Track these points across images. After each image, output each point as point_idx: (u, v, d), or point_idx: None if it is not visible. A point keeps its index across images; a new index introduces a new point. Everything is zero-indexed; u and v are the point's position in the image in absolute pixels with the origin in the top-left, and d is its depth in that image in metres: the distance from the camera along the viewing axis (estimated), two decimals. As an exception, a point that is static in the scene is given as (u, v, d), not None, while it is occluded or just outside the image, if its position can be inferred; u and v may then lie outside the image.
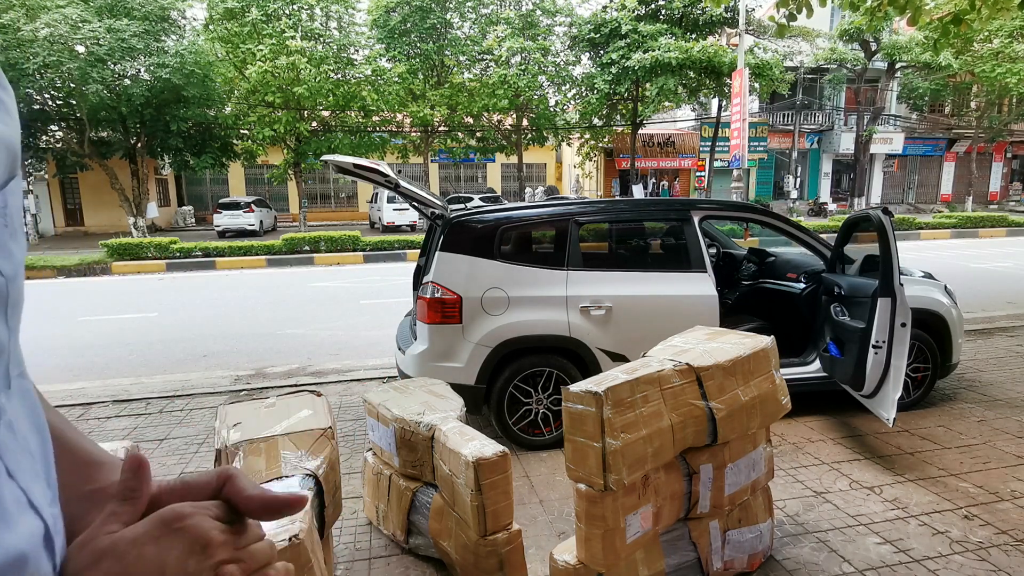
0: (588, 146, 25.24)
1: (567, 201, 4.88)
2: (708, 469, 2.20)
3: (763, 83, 19.86)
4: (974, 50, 22.53)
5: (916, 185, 30.30)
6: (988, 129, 26.59)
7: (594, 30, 20.40)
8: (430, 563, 2.51)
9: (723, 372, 2.19)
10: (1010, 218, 19.22)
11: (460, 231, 3.63)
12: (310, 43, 18.73)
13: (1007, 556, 2.45)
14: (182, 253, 13.77)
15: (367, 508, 2.84)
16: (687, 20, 20.20)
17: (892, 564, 2.42)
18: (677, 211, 4.03)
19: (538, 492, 3.11)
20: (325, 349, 6.16)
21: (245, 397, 3.80)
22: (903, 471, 3.19)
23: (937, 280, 4.27)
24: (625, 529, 1.96)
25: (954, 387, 4.45)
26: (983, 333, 5.97)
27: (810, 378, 3.86)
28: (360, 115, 20.59)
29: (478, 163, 28.88)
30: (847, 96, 27.22)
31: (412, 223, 21.22)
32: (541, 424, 3.64)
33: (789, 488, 3.05)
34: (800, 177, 28.19)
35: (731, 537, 2.30)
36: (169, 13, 17.62)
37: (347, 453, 3.60)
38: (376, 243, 14.77)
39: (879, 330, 3.23)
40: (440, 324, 3.51)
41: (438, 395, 2.75)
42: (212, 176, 27.07)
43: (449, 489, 2.30)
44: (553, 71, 22.20)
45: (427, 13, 20.83)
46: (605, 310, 3.62)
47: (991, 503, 2.85)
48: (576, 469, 1.95)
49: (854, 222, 3.78)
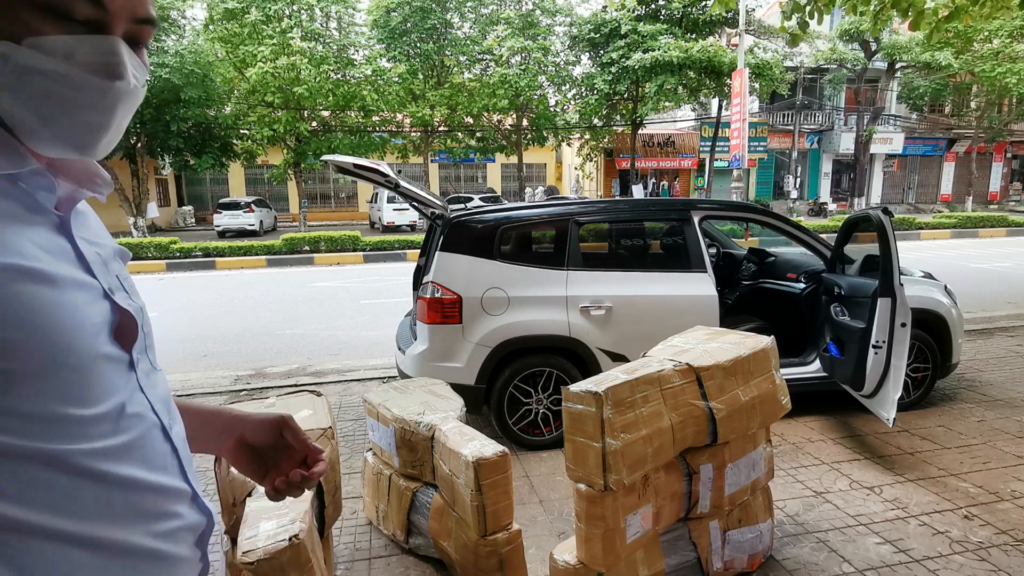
0: (588, 146, 25.23)
1: (567, 201, 4.88)
2: (708, 469, 2.20)
3: (763, 83, 19.87)
4: (974, 50, 22.52)
5: (916, 185, 30.30)
6: (988, 129, 26.59)
7: (594, 30, 20.40)
8: (430, 563, 2.51)
9: (723, 372, 2.19)
10: (1010, 218, 19.21)
11: (460, 231, 3.63)
12: (311, 44, 18.72)
13: (1007, 556, 2.44)
14: (182, 253, 13.77)
15: (367, 508, 2.84)
16: (687, 20, 20.19)
17: (892, 564, 2.42)
18: (677, 211, 4.02)
19: (538, 492, 3.11)
20: (325, 349, 6.16)
21: (245, 397, 3.79)
22: (903, 471, 3.19)
23: (937, 280, 4.27)
24: (625, 529, 1.96)
25: (954, 387, 4.45)
26: (983, 333, 5.97)
27: (810, 378, 3.85)
28: (360, 115, 20.58)
29: (478, 163, 28.88)
30: (847, 96, 27.22)
31: (412, 223, 21.21)
32: (541, 424, 3.64)
33: (789, 488, 3.05)
34: (800, 177, 28.19)
35: (731, 537, 2.30)
36: (169, 13, 17.62)
37: (347, 453, 3.60)
38: (376, 243, 14.77)
39: (879, 330, 3.23)
40: (440, 324, 3.51)
41: (438, 395, 2.75)
42: (212, 176, 27.06)
43: (449, 489, 2.30)
44: (553, 71, 22.20)
45: (427, 13, 20.82)
46: (605, 310, 3.62)
47: (991, 503, 2.85)
48: (576, 469, 1.95)
49: (854, 222, 3.78)
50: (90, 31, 0.58)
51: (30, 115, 0.58)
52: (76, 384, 0.58)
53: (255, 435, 0.87)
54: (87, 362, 0.59)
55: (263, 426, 0.86)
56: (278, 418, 0.87)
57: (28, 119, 0.58)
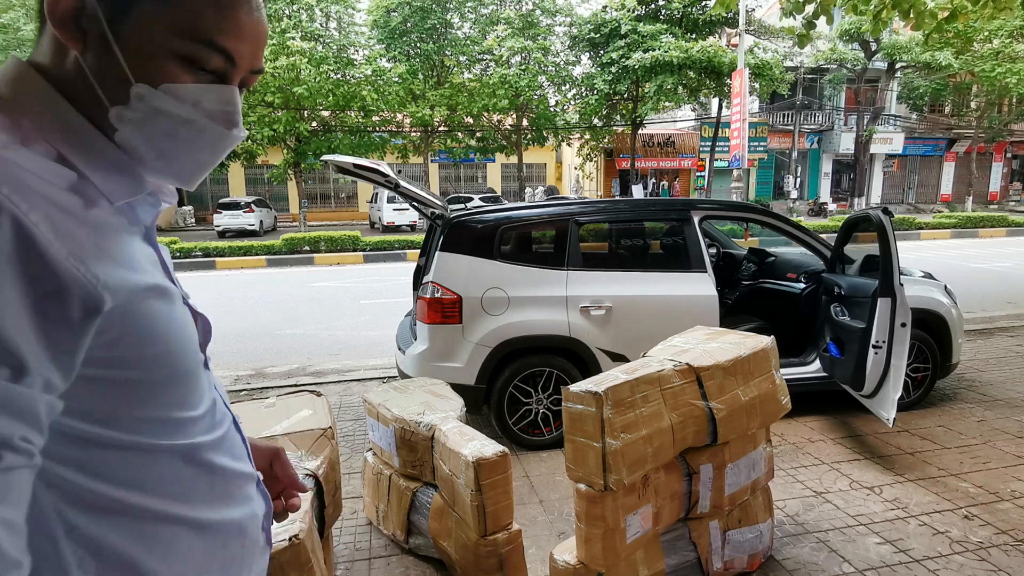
0: (588, 146, 25.22)
1: (567, 201, 4.88)
2: (708, 469, 2.20)
3: (763, 83, 19.87)
4: (974, 50, 22.52)
5: (916, 185, 30.30)
6: (988, 129, 26.59)
7: (594, 30, 20.40)
8: (430, 563, 2.51)
9: (723, 372, 2.19)
10: (1010, 218, 19.21)
11: (460, 231, 3.63)
12: (310, 44, 18.72)
13: (1007, 556, 2.44)
14: (182, 253, 13.76)
15: (367, 508, 2.84)
16: (687, 20, 20.19)
17: (892, 564, 2.42)
18: (677, 211, 4.02)
19: (538, 492, 3.11)
20: (325, 349, 6.16)
21: (245, 397, 3.80)
22: (903, 471, 3.19)
23: (937, 280, 4.27)
24: (625, 529, 1.96)
25: (954, 387, 4.45)
26: (983, 333, 5.97)
27: (810, 378, 3.85)
28: (360, 115, 20.58)
29: (478, 163, 28.87)
30: (847, 96, 27.22)
31: (412, 223, 21.20)
32: (541, 424, 3.64)
33: (789, 488, 3.05)
34: (800, 177, 28.19)
35: (731, 537, 2.30)
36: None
37: (347, 453, 3.60)
38: (376, 243, 14.77)
39: (879, 330, 3.23)
40: (440, 324, 3.51)
41: (438, 395, 2.75)
42: (212, 176, 26.90)
43: (449, 489, 2.30)
44: (553, 71, 22.20)
45: (427, 13, 20.81)
46: (605, 310, 3.62)
47: (991, 503, 2.85)
48: (576, 469, 1.95)
49: (854, 222, 3.78)
50: (215, 80, 0.65)
51: (150, 149, 0.64)
52: (189, 388, 0.66)
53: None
54: (193, 367, 0.67)
55: (257, 453, 0.90)
56: (271, 450, 0.93)
57: (147, 152, 0.64)
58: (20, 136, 0.57)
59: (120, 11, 0.60)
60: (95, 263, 0.55)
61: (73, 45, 0.60)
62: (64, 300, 0.51)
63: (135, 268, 0.60)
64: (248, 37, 0.66)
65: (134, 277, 0.59)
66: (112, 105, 0.62)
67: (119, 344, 0.56)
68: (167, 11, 0.61)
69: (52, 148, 0.59)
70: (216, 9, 0.63)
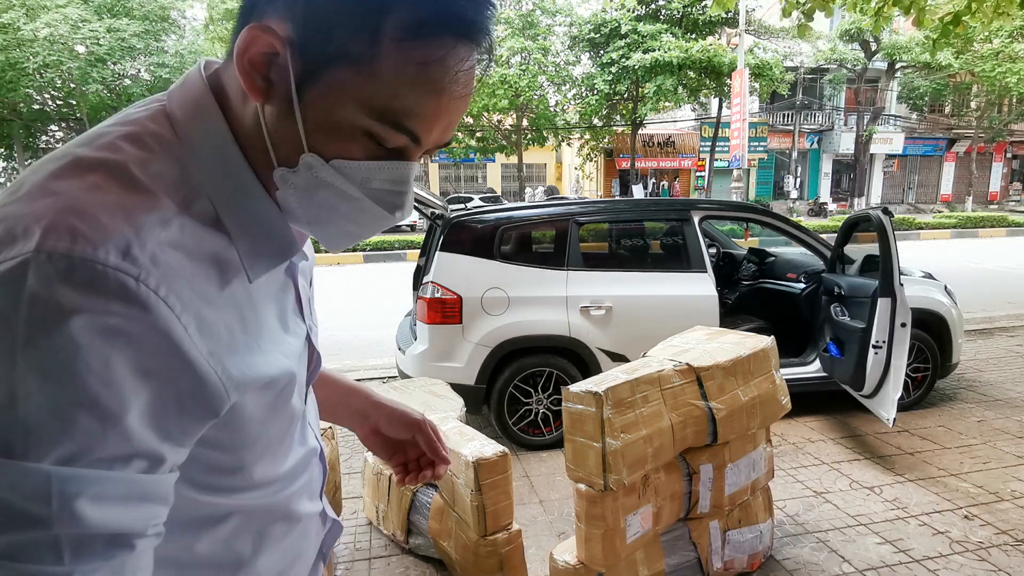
0: (588, 146, 25.21)
1: (567, 201, 4.88)
2: (708, 469, 2.20)
3: (763, 83, 19.86)
4: (974, 50, 22.52)
5: (916, 185, 30.31)
6: (988, 129, 26.59)
7: (594, 30, 20.39)
8: (430, 563, 2.51)
9: (723, 372, 2.19)
10: (1010, 218, 19.23)
11: (460, 231, 3.63)
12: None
13: (1007, 556, 2.45)
14: (182, 253, 13.74)
15: (367, 508, 2.84)
16: (687, 20, 20.19)
17: (892, 564, 2.42)
18: (677, 211, 4.02)
19: (538, 492, 3.11)
20: (325, 349, 6.05)
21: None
22: (903, 471, 3.19)
23: (937, 280, 4.27)
24: (625, 529, 1.96)
25: (954, 387, 4.45)
26: (983, 333, 5.96)
27: (810, 378, 3.85)
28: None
29: (478, 163, 28.88)
30: (847, 96, 27.22)
31: (412, 223, 21.18)
32: (541, 424, 3.64)
33: (789, 488, 3.05)
34: (800, 177, 28.20)
35: (731, 537, 2.30)
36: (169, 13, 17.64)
37: (347, 453, 3.60)
38: (376, 243, 14.77)
39: (879, 330, 3.23)
40: (440, 324, 3.51)
41: (438, 395, 2.75)
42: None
43: (449, 489, 2.30)
44: (553, 71, 22.17)
45: (427, 13, 20.78)
46: (605, 310, 3.62)
47: (991, 503, 2.85)
48: (576, 469, 1.95)
49: (854, 222, 3.78)
50: (392, 156, 0.58)
51: (304, 214, 0.59)
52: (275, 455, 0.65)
53: (389, 429, 0.91)
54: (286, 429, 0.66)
55: (399, 423, 0.91)
56: (415, 421, 0.91)
57: (301, 216, 0.60)
58: (185, 193, 0.53)
59: (310, 73, 0.53)
60: (228, 358, 0.53)
61: (254, 97, 0.54)
62: (198, 398, 0.51)
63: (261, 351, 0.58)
64: (444, 115, 0.57)
65: (257, 369, 0.57)
66: (278, 165, 0.56)
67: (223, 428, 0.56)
68: (362, 85, 0.53)
69: (211, 205, 0.55)
70: (419, 94, 0.54)
